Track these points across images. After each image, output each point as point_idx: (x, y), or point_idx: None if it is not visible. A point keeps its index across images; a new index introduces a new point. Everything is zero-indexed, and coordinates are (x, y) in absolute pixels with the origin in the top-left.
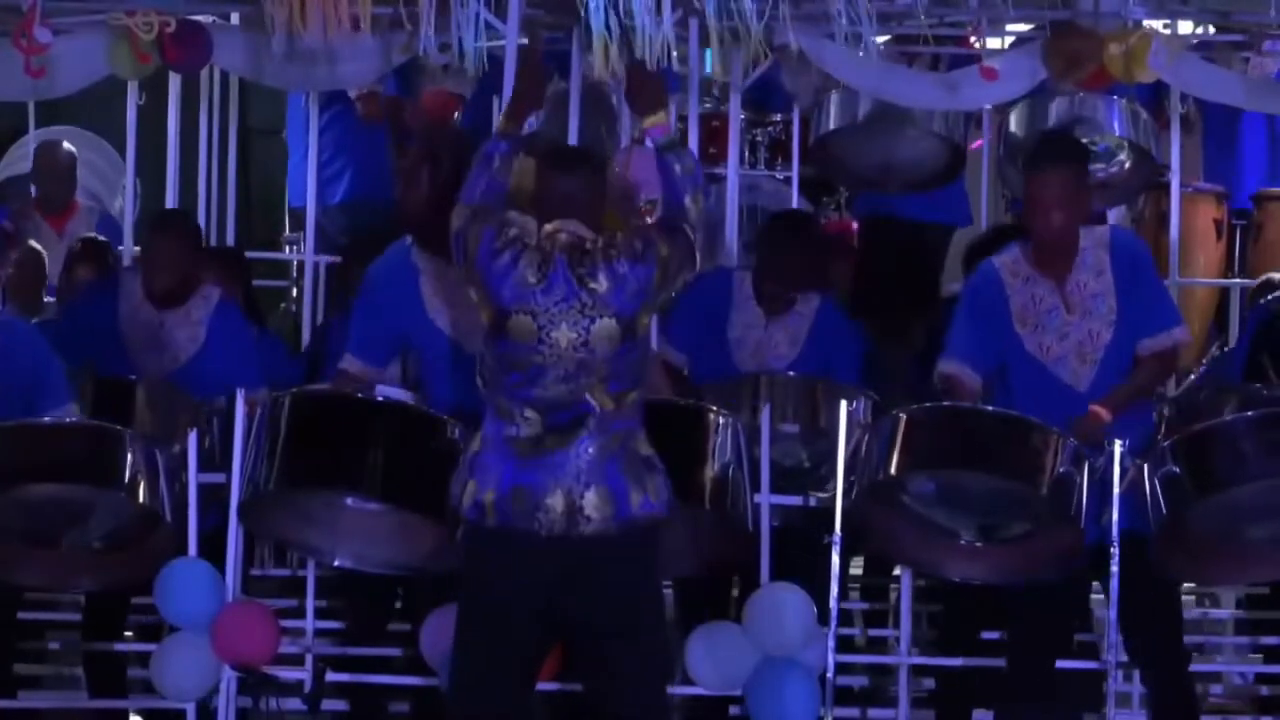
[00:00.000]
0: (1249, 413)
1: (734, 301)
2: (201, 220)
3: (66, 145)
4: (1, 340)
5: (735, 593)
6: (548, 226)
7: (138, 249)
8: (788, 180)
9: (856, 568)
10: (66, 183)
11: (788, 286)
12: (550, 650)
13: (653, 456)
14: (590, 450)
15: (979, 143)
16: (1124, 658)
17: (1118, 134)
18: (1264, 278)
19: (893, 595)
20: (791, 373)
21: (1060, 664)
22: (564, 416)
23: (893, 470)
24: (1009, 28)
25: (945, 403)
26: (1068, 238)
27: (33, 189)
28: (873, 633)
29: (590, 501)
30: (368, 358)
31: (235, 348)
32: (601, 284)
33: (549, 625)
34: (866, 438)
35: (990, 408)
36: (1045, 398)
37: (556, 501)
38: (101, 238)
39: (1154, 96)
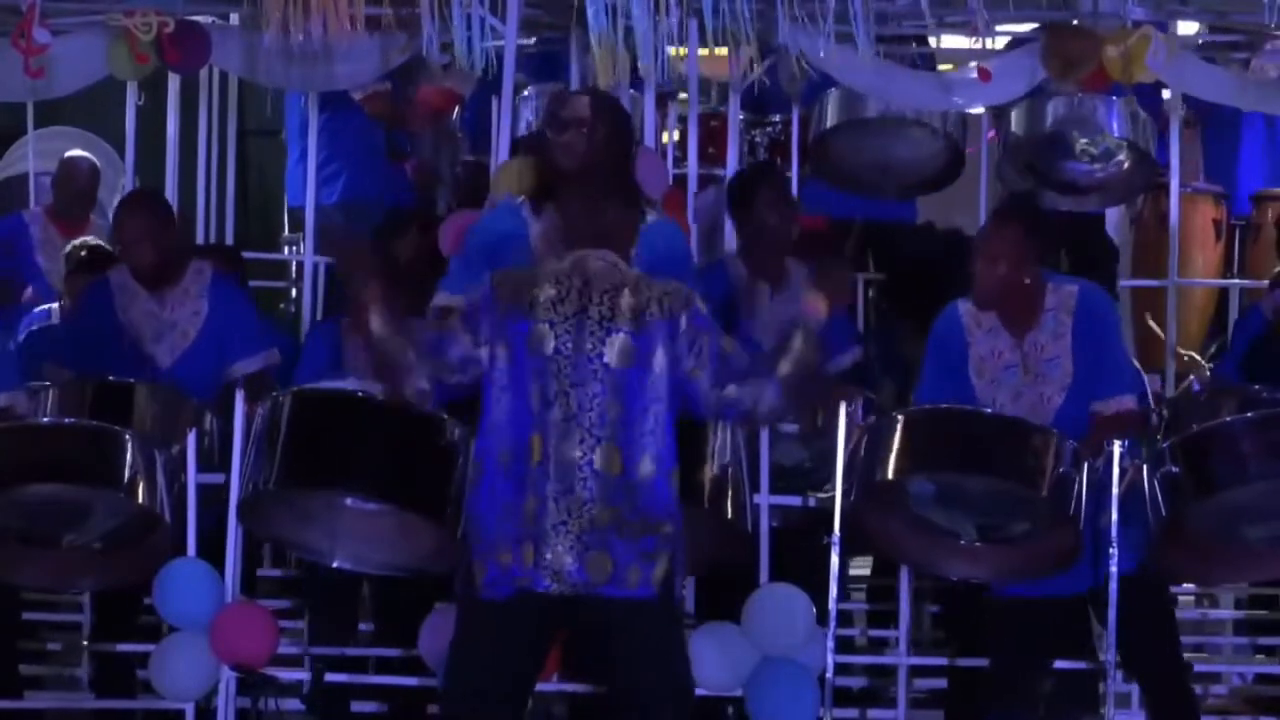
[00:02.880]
0: (1248, 414)
1: (738, 289)
2: (200, 220)
3: (91, 162)
4: None
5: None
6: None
7: None
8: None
9: (862, 569)
10: (81, 200)
11: (782, 240)
12: (549, 651)
13: None
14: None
15: (991, 133)
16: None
17: (1116, 134)
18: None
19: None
20: None
21: (1059, 664)
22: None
23: (891, 473)
24: (1008, 28)
25: (943, 405)
26: (1002, 295)
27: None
28: (873, 633)
29: None
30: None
31: (239, 314)
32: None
33: (552, 625)
34: (866, 438)
35: (989, 410)
36: None
37: None
38: (102, 243)
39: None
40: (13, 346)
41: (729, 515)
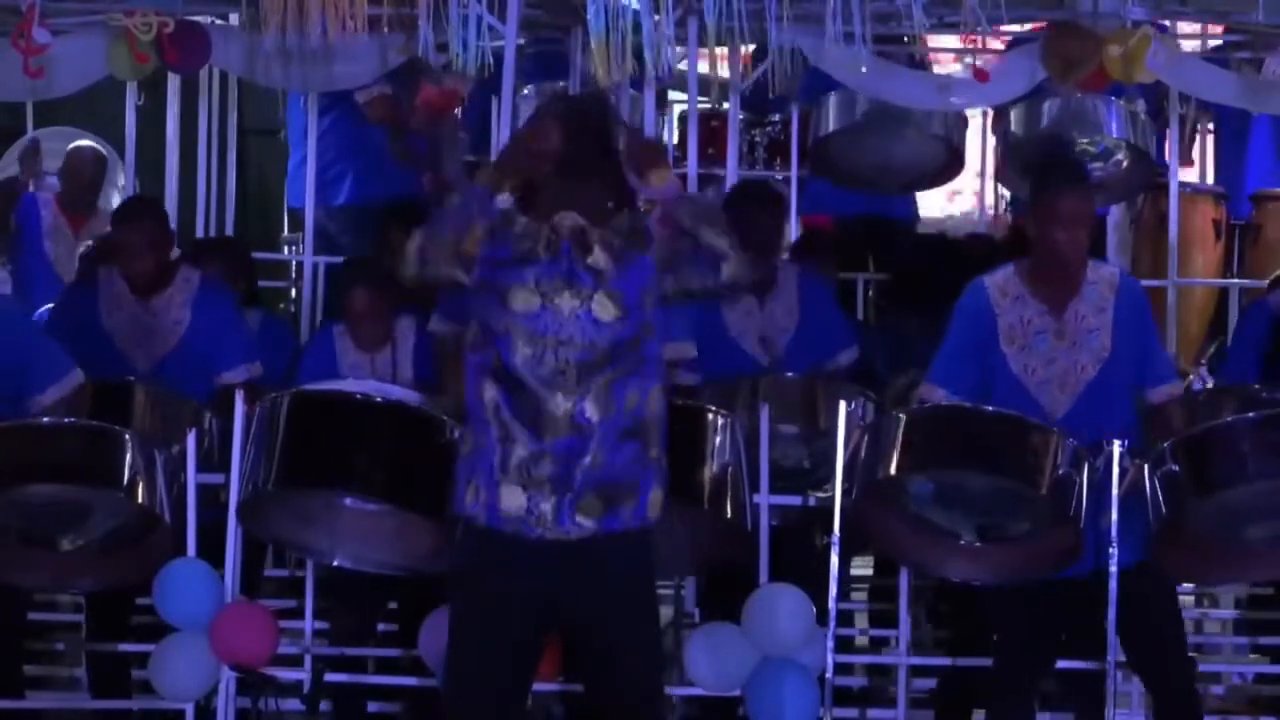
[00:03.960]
0: (1249, 414)
1: (723, 301)
2: (200, 220)
3: (97, 153)
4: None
5: None
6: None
7: None
8: (786, 180)
9: (862, 569)
10: (87, 190)
11: (769, 251)
12: (545, 649)
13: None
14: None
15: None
16: (1124, 657)
17: (1115, 134)
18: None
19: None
20: (791, 373)
21: (1060, 664)
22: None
23: (892, 470)
24: (1009, 28)
25: (944, 402)
26: (1080, 256)
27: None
28: (873, 633)
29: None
30: None
31: (223, 324)
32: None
33: (546, 622)
34: (866, 437)
35: (990, 408)
36: None
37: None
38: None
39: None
40: None
41: (729, 515)
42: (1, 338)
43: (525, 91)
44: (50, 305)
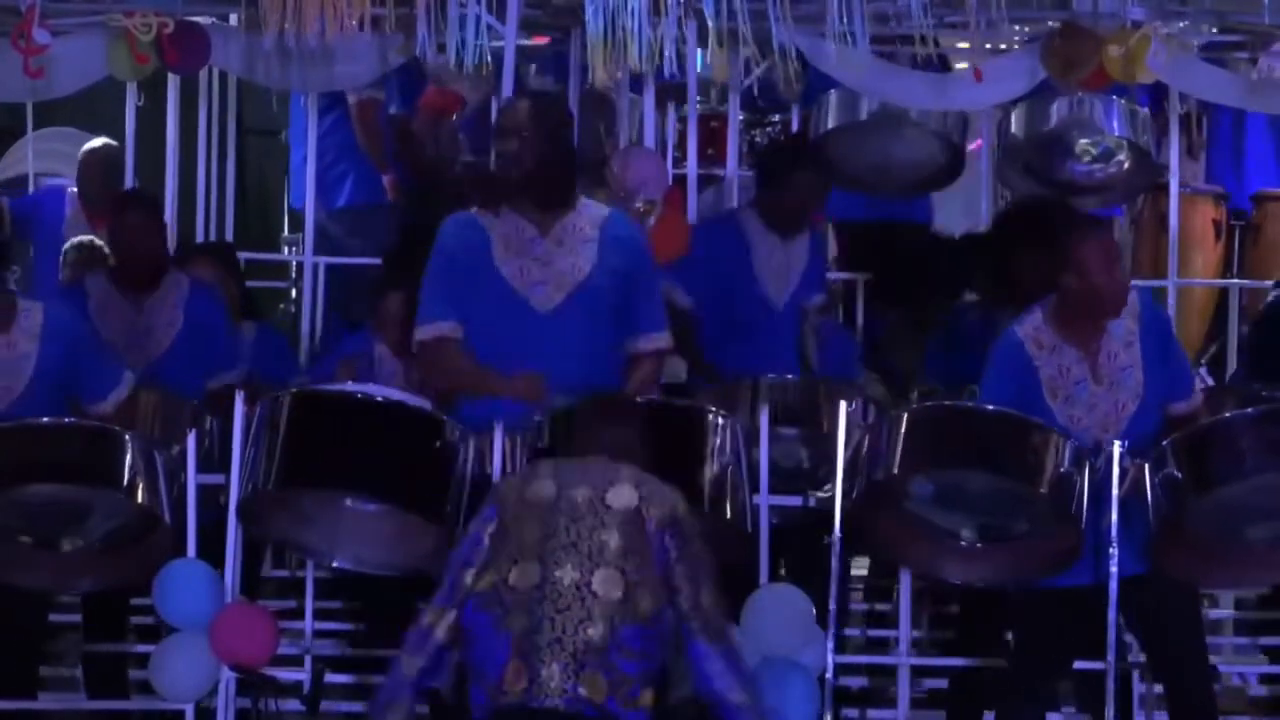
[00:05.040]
0: (1248, 410)
1: (750, 241)
2: (200, 221)
3: (109, 149)
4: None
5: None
6: None
7: None
8: None
9: (861, 569)
10: (99, 183)
11: (812, 200)
12: None
13: None
14: None
15: (977, 143)
16: (1126, 658)
17: (1117, 134)
18: None
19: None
20: (790, 375)
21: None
22: None
23: (894, 470)
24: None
25: (945, 401)
26: (1124, 291)
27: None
28: (873, 633)
29: None
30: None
31: (212, 329)
32: None
33: None
34: (866, 438)
35: (990, 406)
36: None
37: None
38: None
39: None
40: None
41: (729, 515)
42: (59, 346)
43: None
44: None
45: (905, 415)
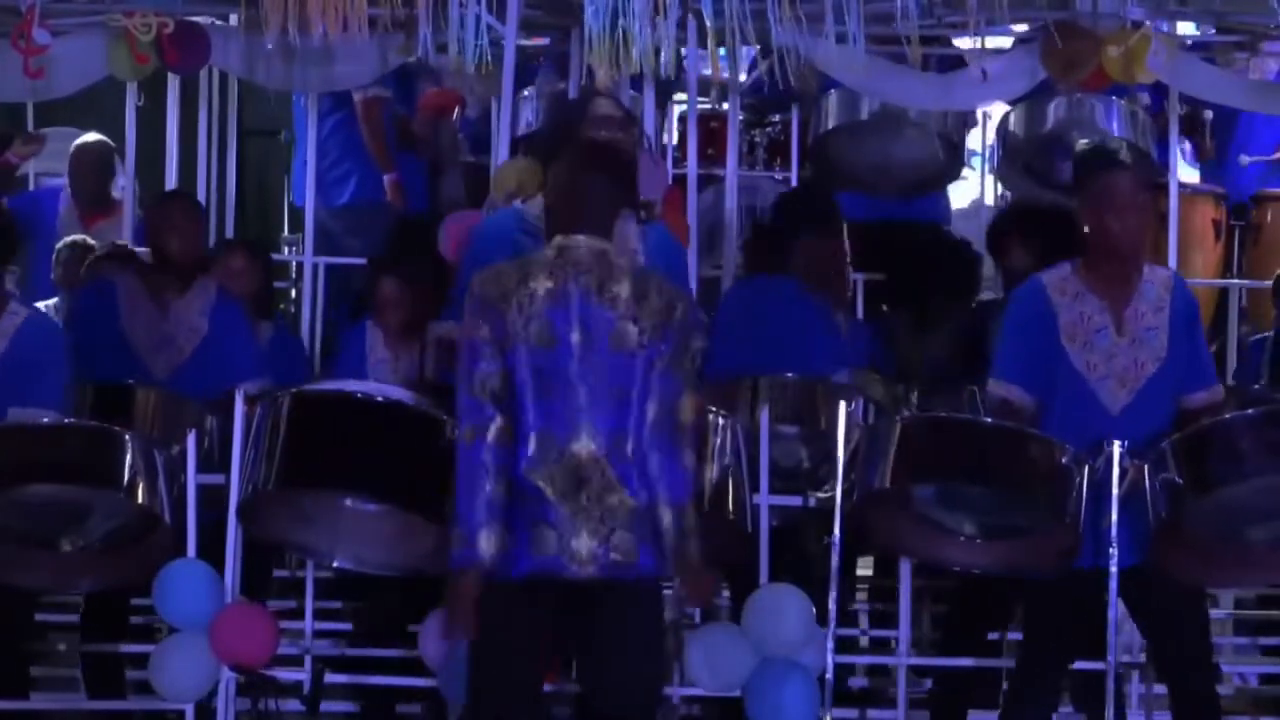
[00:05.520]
0: (1248, 410)
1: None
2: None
3: (100, 144)
4: (27, 331)
5: None
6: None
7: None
8: (786, 181)
9: (864, 568)
10: (89, 179)
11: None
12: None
13: None
14: None
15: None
16: (1124, 658)
17: (1116, 134)
18: None
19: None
20: (789, 374)
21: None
22: None
23: (889, 481)
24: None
25: (941, 413)
26: (1137, 244)
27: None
28: (873, 633)
29: None
30: None
31: (237, 338)
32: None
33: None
34: (865, 440)
35: (988, 419)
36: (1081, 416)
37: None
38: (129, 246)
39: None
40: None
41: (730, 516)
42: (28, 349)
43: (525, 93)
44: (53, 300)
45: (903, 423)
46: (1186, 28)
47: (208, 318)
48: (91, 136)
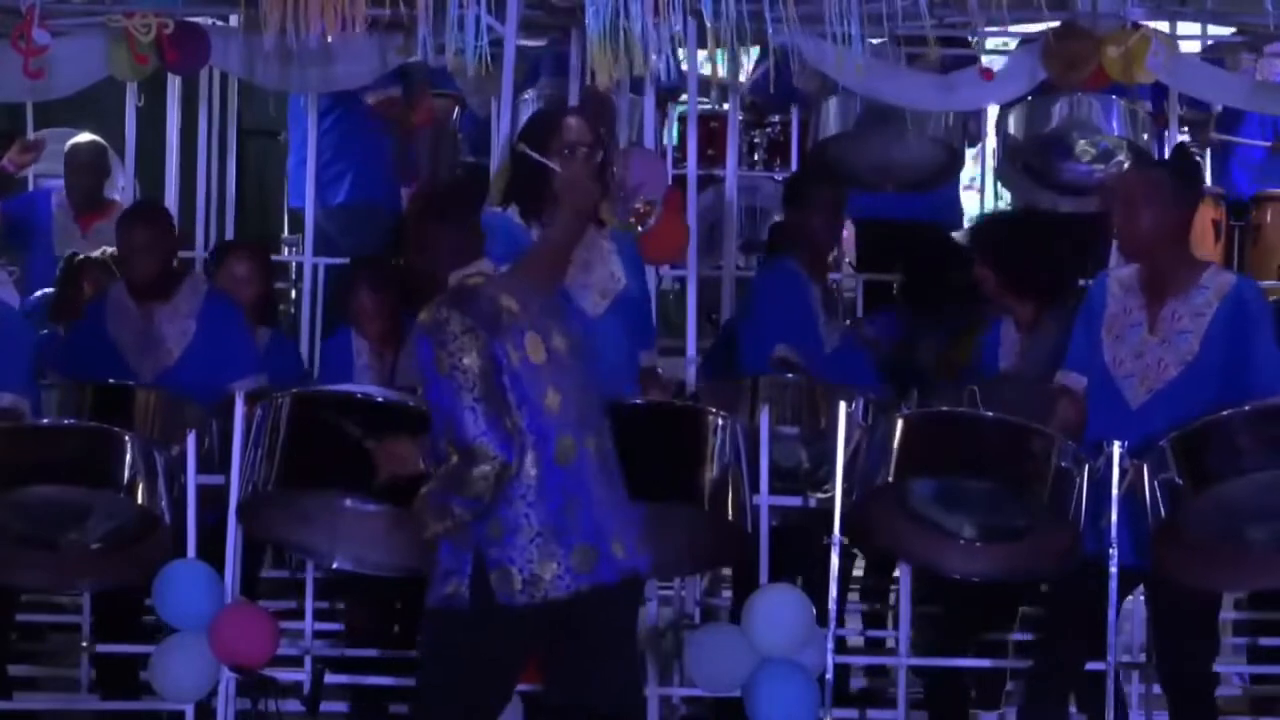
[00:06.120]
0: (1244, 407)
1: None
2: (200, 221)
3: (94, 144)
4: None
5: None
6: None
7: None
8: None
9: (856, 569)
10: (83, 179)
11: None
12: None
13: None
14: None
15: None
16: (1124, 657)
17: (1116, 134)
18: None
19: (892, 596)
20: (790, 375)
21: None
22: None
23: (890, 477)
24: (1012, 29)
25: (943, 408)
26: (1129, 236)
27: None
28: (871, 634)
29: None
30: None
31: (227, 336)
32: None
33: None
34: (866, 439)
35: (989, 413)
36: (1103, 408)
37: None
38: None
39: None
40: None
41: (730, 516)
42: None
43: (526, 95)
44: (34, 298)
45: (904, 419)
46: (1191, 28)
47: (196, 318)
48: (84, 137)
